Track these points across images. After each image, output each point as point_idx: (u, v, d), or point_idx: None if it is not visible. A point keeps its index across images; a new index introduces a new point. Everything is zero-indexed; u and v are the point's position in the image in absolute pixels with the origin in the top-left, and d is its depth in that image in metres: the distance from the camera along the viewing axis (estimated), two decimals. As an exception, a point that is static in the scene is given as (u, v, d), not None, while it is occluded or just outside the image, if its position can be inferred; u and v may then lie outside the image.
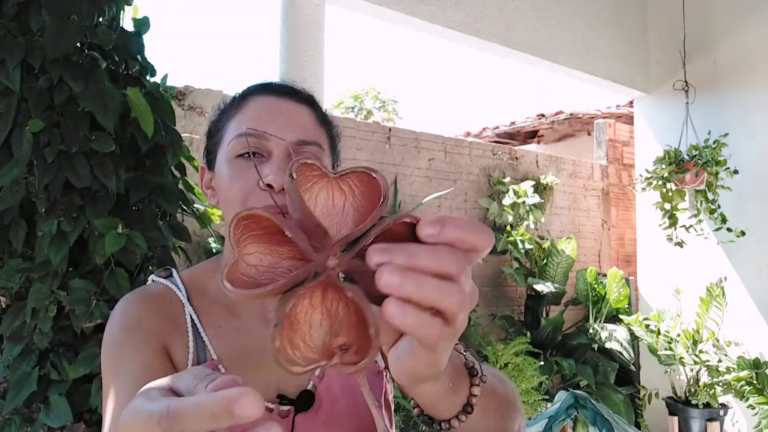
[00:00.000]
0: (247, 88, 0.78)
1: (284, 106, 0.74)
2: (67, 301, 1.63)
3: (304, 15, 2.36)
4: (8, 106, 1.64)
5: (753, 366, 3.26)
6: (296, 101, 0.75)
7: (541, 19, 3.48)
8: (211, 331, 0.75)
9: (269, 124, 0.71)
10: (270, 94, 0.75)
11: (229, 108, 0.77)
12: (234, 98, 0.78)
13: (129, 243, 1.63)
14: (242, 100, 0.75)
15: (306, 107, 0.76)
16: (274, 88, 0.76)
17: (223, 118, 0.77)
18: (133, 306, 0.74)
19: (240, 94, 0.78)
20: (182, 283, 0.78)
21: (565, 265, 3.93)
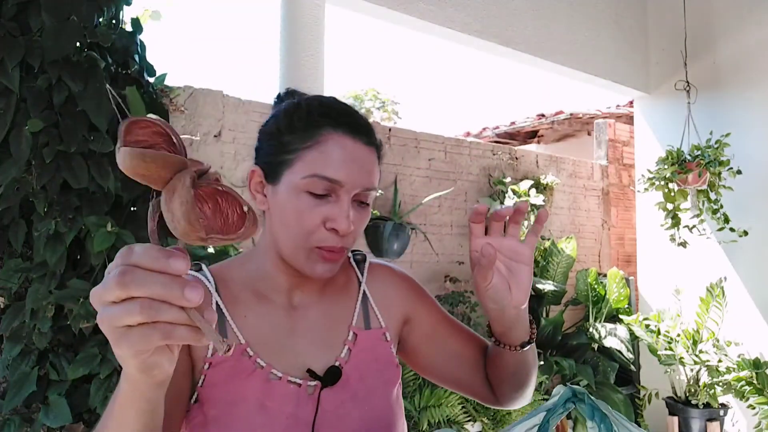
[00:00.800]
0: (320, 114, 0.78)
1: (358, 152, 0.78)
2: (63, 300, 1.63)
3: (304, 15, 2.35)
4: (7, 106, 1.64)
5: (753, 366, 3.26)
6: (366, 144, 0.79)
7: (541, 19, 3.48)
8: (237, 320, 0.80)
9: (343, 172, 0.75)
10: (347, 134, 0.77)
11: (302, 129, 0.77)
12: (308, 121, 0.78)
13: (118, 241, 1.63)
14: (318, 130, 0.77)
15: (373, 150, 0.81)
16: (351, 125, 0.78)
17: (295, 140, 0.77)
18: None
19: (316, 119, 0.78)
20: (211, 275, 0.83)
21: (565, 264, 3.93)
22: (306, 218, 0.76)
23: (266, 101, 3.08)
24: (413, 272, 3.67)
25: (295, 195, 0.76)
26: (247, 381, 0.76)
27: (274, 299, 0.84)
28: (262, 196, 0.82)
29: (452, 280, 3.73)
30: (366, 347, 0.86)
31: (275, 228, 0.80)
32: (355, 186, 0.76)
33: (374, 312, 0.90)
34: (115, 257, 0.44)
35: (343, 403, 0.79)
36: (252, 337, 0.79)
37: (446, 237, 3.82)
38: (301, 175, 0.75)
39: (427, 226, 3.71)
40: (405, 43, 14.95)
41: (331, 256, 0.78)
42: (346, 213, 0.76)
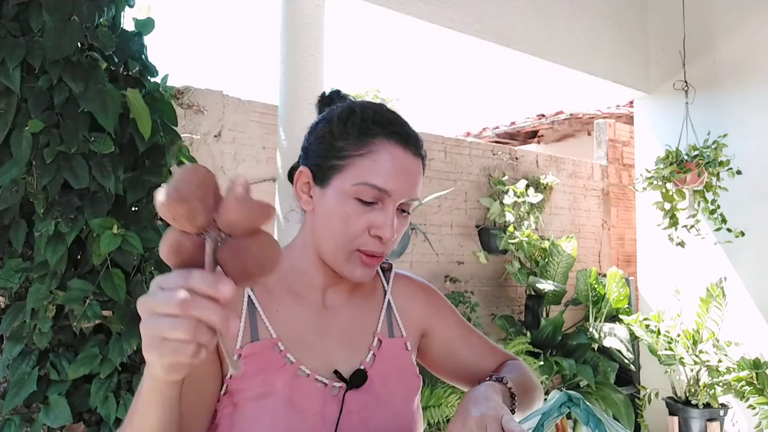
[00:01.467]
0: (374, 122, 0.80)
1: (408, 163, 0.80)
2: (64, 300, 1.63)
3: (304, 15, 2.35)
4: (8, 106, 1.64)
5: (753, 366, 3.26)
6: (415, 155, 0.82)
7: (541, 19, 3.48)
8: (269, 314, 0.81)
9: (393, 182, 0.78)
10: (398, 144, 0.80)
11: (356, 137, 0.79)
12: (362, 129, 0.79)
13: (124, 243, 1.63)
14: (371, 139, 0.79)
15: (420, 161, 0.83)
16: (402, 135, 0.81)
17: (348, 147, 0.79)
18: None
19: (370, 127, 0.79)
20: None
21: (566, 264, 3.93)
22: (352, 223, 0.78)
23: (266, 101, 3.08)
24: (413, 272, 3.66)
25: (343, 200, 0.78)
26: (276, 375, 0.77)
27: (307, 297, 0.85)
28: (308, 196, 0.83)
29: (452, 280, 3.73)
30: (389, 355, 0.88)
31: (318, 229, 0.82)
32: (401, 196, 0.79)
33: (397, 321, 0.92)
34: (172, 275, 0.49)
35: (367, 407, 0.81)
36: (283, 332, 0.81)
37: (446, 237, 3.82)
38: (351, 182, 0.78)
39: (427, 226, 3.71)
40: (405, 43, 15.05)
41: (371, 261, 0.81)
42: (391, 221, 0.78)
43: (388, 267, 0.98)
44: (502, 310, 4.03)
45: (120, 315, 1.70)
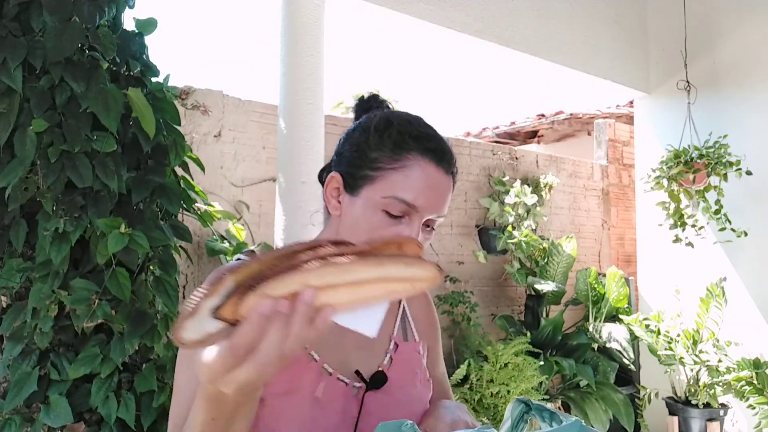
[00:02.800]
0: (411, 137, 0.80)
1: (440, 181, 0.81)
2: (69, 300, 1.64)
3: (304, 15, 2.35)
4: (10, 106, 1.65)
5: (753, 366, 3.26)
6: (447, 173, 0.82)
7: (541, 19, 3.48)
8: None
9: (423, 198, 0.78)
10: (432, 161, 0.80)
11: (391, 149, 0.79)
12: (398, 142, 0.79)
13: (131, 243, 1.64)
14: (406, 153, 0.79)
15: (450, 179, 0.84)
16: (437, 153, 0.81)
17: (382, 158, 0.79)
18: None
19: (404, 141, 0.79)
20: None
21: (565, 264, 3.93)
22: (377, 235, 0.78)
23: (266, 101, 3.08)
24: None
25: (371, 211, 0.79)
26: (301, 372, 0.78)
27: None
28: (336, 201, 0.84)
29: (452, 280, 3.73)
30: (405, 358, 0.89)
31: (343, 234, 0.82)
32: (429, 212, 0.80)
33: (411, 326, 0.94)
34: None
35: (386, 408, 0.82)
36: None
37: (446, 237, 3.82)
38: (381, 194, 0.78)
39: (427, 226, 3.71)
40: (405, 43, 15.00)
41: None
42: (416, 236, 0.78)
43: None
44: (502, 310, 4.03)
45: (124, 314, 1.70)
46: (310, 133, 2.27)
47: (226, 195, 2.89)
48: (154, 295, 1.79)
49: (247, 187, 2.98)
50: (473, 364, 3.25)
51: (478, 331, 3.52)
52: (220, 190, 2.87)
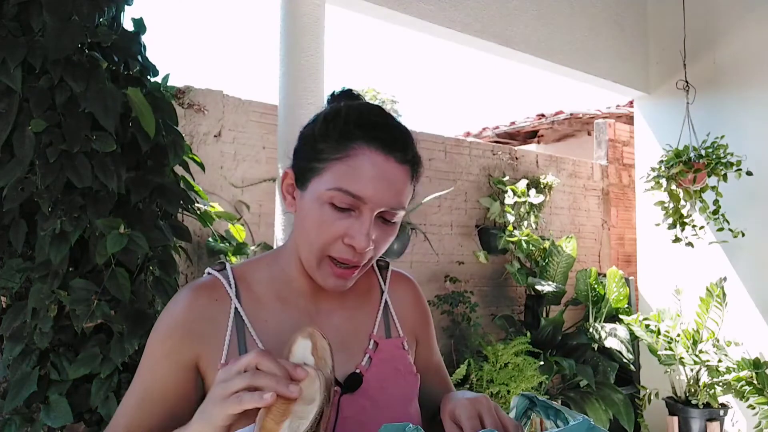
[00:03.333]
0: (357, 126, 0.76)
1: (389, 170, 0.75)
2: (68, 301, 1.64)
3: (304, 15, 2.35)
4: (10, 106, 1.64)
5: (753, 366, 3.26)
6: (400, 161, 0.77)
7: (541, 19, 3.48)
8: (258, 325, 0.80)
9: (370, 189, 0.74)
10: (379, 150, 0.75)
11: (335, 140, 0.76)
12: (343, 131, 0.76)
13: (130, 243, 1.63)
14: (351, 143, 0.75)
15: (406, 169, 0.78)
16: (385, 141, 0.76)
17: (328, 149, 0.76)
18: (180, 306, 0.81)
19: (349, 131, 0.76)
20: (233, 277, 0.83)
21: (565, 264, 3.93)
22: (325, 230, 0.75)
23: (266, 101, 3.08)
24: (413, 272, 3.67)
25: (318, 204, 0.76)
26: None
27: (297, 303, 0.84)
28: (291, 198, 0.82)
29: (452, 280, 3.73)
30: (386, 356, 0.86)
31: (297, 232, 0.80)
32: (379, 204, 0.75)
33: (394, 321, 0.90)
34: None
35: (363, 410, 0.80)
36: (272, 342, 0.79)
37: (446, 237, 3.82)
38: (326, 186, 0.75)
39: (427, 226, 3.71)
40: (405, 43, 14.96)
41: (341, 273, 0.78)
42: (366, 230, 0.75)
43: (385, 265, 0.95)
44: (502, 310, 4.03)
45: (124, 314, 1.70)
46: (310, 133, 2.27)
47: (226, 195, 2.89)
48: (153, 295, 1.79)
49: (247, 187, 2.98)
50: (473, 364, 3.25)
51: (478, 331, 3.52)
52: (220, 190, 2.87)
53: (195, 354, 0.78)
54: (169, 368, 0.78)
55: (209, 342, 0.79)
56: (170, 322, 0.80)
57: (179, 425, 0.76)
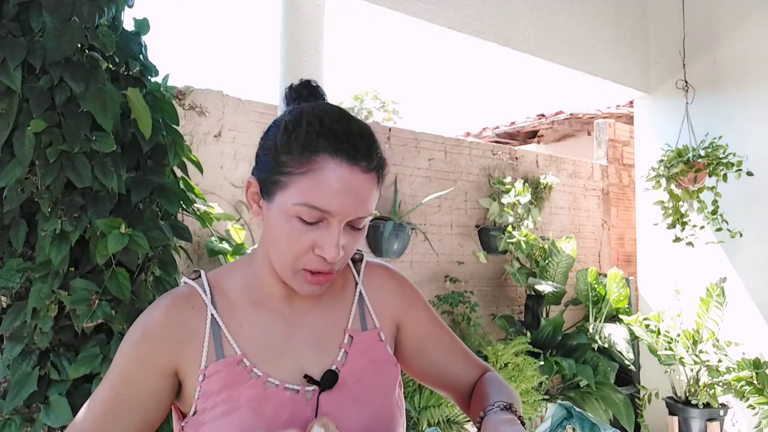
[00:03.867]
0: (320, 136, 0.74)
1: (354, 181, 0.74)
2: (69, 301, 1.64)
3: (304, 15, 2.35)
4: (9, 106, 1.65)
5: (753, 366, 3.26)
6: (366, 170, 0.75)
7: (541, 19, 3.49)
8: (233, 330, 0.81)
9: (336, 202, 0.73)
10: (344, 161, 0.73)
11: (299, 152, 0.74)
12: (306, 143, 0.74)
13: (131, 243, 1.64)
14: (314, 156, 0.73)
15: (372, 176, 0.76)
16: (349, 151, 0.74)
17: (291, 162, 0.74)
18: (157, 313, 0.81)
19: (312, 142, 0.74)
20: (208, 284, 0.84)
21: (565, 265, 3.93)
22: (295, 243, 0.75)
23: (266, 101, 3.08)
24: (413, 272, 3.67)
25: (285, 218, 0.75)
26: (242, 390, 0.77)
27: (271, 306, 0.84)
28: (257, 206, 0.81)
29: (452, 280, 3.73)
30: (362, 349, 0.86)
31: (267, 241, 0.80)
32: (346, 216, 0.75)
33: (369, 312, 0.90)
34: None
35: (341, 406, 0.80)
36: (248, 346, 0.80)
37: (446, 237, 3.82)
38: (293, 201, 0.74)
39: (427, 226, 3.71)
40: (405, 43, 14.96)
41: (316, 280, 0.78)
42: (335, 241, 0.74)
43: (360, 257, 0.95)
44: (502, 310, 4.03)
45: (124, 314, 1.70)
46: (310, 133, 2.27)
47: (226, 195, 2.89)
48: (154, 295, 1.79)
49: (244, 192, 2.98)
50: (473, 364, 3.24)
51: (478, 331, 3.52)
52: (220, 190, 2.87)
53: (172, 361, 0.79)
54: (146, 373, 0.78)
55: (187, 349, 0.79)
56: (146, 329, 0.80)
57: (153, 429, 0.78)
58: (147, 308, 0.82)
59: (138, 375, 0.78)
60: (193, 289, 0.83)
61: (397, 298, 0.94)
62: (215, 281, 0.85)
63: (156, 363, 0.78)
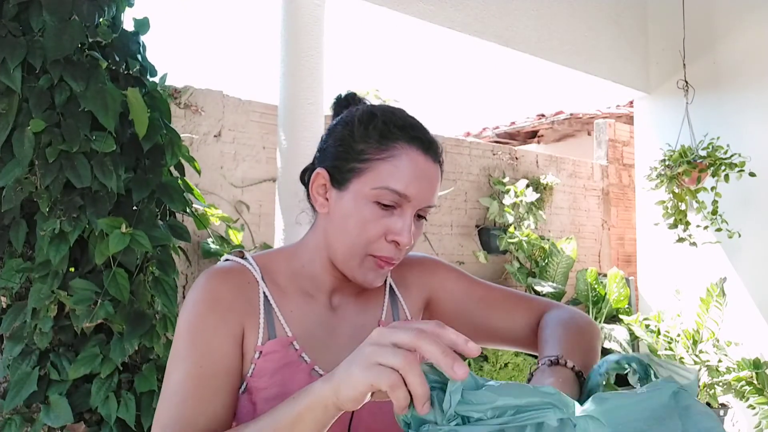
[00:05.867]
0: (396, 127, 0.79)
1: (428, 169, 0.79)
2: (69, 301, 1.64)
3: (304, 15, 2.35)
4: (9, 106, 1.65)
5: (753, 366, 3.26)
6: (434, 161, 0.81)
7: (541, 19, 3.48)
8: (285, 313, 0.81)
9: (413, 187, 0.77)
10: (419, 149, 0.79)
11: (377, 140, 0.78)
12: (383, 132, 0.79)
13: (132, 242, 1.64)
14: (393, 143, 0.78)
15: (439, 168, 0.82)
16: (423, 141, 0.80)
17: (369, 150, 0.78)
18: (215, 282, 0.79)
19: (389, 131, 0.79)
20: (257, 264, 0.84)
21: (566, 265, 3.93)
22: (370, 228, 0.77)
23: (266, 101, 3.08)
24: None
25: (362, 203, 0.77)
26: (293, 374, 0.78)
27: (318, 298, 0.85)
28: (323, 199, 0.82)
29: (452, 280, 3.73)
30: None
31: (333, 232, 0.81)
32: (421, 202, 0.78)
33: (401, 304, 0.92)
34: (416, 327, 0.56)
35: (384, 403, 0.80)
36: (298, 331, 0.81)
37: (446, 237, 3.82)
38: (371, 186, 0.77)
39: (427, 226, 3.71)
40: (405, 43, 14.96)
41: (383, 267, 0.80)
42: (409, 227, 0.78)
43: None
44: (502, 310, 4.03)
45: (123, 315, 1.70)
46: (310, 133, 2.27)
47: (226, 195, 2.89)
48: (152, 295, 1.79)
49: (246, 187, 2.98)
50: (473, 364, 3.25)
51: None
52: (220, 190, 2.87)
53: (241, 327, 0.78)
54: (223, 341, 0.75)
55: (248, 320, 0.79)
56: (211, 298, 0.77)
57: (234, 401, 0.75)
58: (199, 281, 0.80)
59: (215, 343, 0.75)
60: (243, 266, 0.83)
61: (418, 277, 0.95)
62: (263, 263, 0.85)
63: (228, 330, 0.76)
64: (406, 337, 0.56)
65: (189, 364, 0.74)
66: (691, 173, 3.35)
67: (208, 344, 0.75)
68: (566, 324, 0.86)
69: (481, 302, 0.94)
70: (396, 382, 0.54)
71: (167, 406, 0.72)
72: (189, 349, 0.75)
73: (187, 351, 0.75)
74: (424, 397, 0.53)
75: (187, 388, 0.73)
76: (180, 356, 0.75)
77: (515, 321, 0.93)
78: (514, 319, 0.93)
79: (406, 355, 0.54)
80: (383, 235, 0.78)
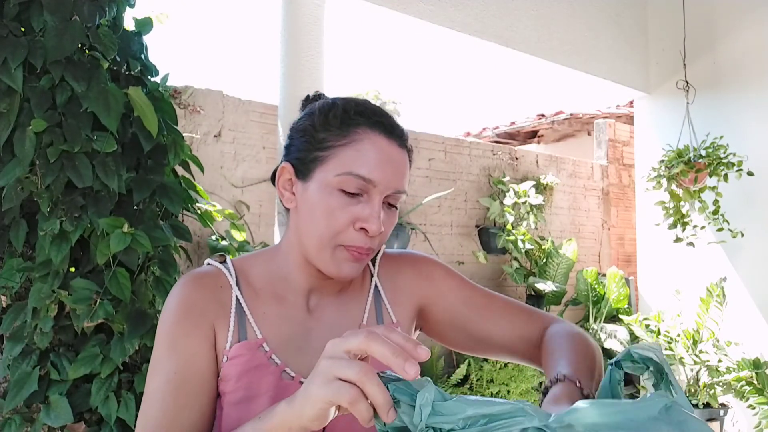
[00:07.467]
0: (357, 113, 0.78)
1: (393, 154, 0.78)
2: (70, 301, 1.64)
3: (304, 15, 2.35)
4: (10, 106, 1.65)
5: (753, 366, 3.26)
6: (400, 146, 0.79)
7: (541, 19, 3.49)
8: (256, 316, 0.81)
9: (378, 171, 0.75)
10: (382, 134, 0.78)
11: (338, 127, 0.77)
12: (344, 119, 0.78)
13: (133, 242, 1.64)
14: (354, 129, 0.77)
15: (405, 153, 0.81)
16: (386, 126, 0.79)
17: (330, 137, 0.77)
18: (188, 288, 0.80)
19: (350, 118, 0.78)
20: (233, 268, 0.83)
21: (565, 266, 3.93)
22: (336, 216, 0.75)
23: (266, 101, 3.08)
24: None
25: (327, 192, 0.76)
26: (261, 377, 0.76)
27: (293, 301, 0.84)
28: (290, 193, 0.81)
29: (452, 280, 3.73)
30: None
31: (302, 226, 0.79)
32: (388, 187, 0.76)
33: (385, 306, 0.89)
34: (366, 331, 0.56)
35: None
36: (270, 334, 0.80)
37: (446, 237, 3.82)
38: (334, 173, 0.75)
39: (427, 226, 3.71)
40: (405, 43, 15.00)
41: (358, 256, 0.77)
42: (377, 214, 0.75)
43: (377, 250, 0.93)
44: (502, 310, 4.03)
45: (124, 314, 1.70)
46: (310, 133, 2.27)
47: (226, 195, 2.89)
48: (154, 295, 1.79)
49: (247, 187, 2.98)
50: (473, 364, 3.25)
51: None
52: (220, 190, 2.87)
53: (212, 331, 0.78)
54: (197, 345, 0.76)
55: (219, 324, 0.79)
56: (184, 305, 0.78)
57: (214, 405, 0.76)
58: (174, 288, 0.81)
59: (191, 349, 0.76)
60: (219, 270, 0.83)
61: (411, 280, 0.92)
62: (240, 266, 0.84)
63: (201, 334, 0.77)
64: (356, 342, 0.56)
65: (166, 371, 0.75)
66: (688, 174, 3.35)
67: (183, 351, 0.76)
68: (574, 342, 0.83)
69: (480, 311, 0.91)
70: (355, 397, 0.54)
71: (146, 412, 0.74)
72: (165, 357, 0.76)
73: (163, 358, 0.76)
74: (386, 406, 0.53)
75: (164, 395, 0.74)
76: (157, 363, 0.76)
77: (514, 332, 0.90)
78: (514, 330, 0.90)
79: (362, 366, 0.54)
80: (351, 223, 0.75)
